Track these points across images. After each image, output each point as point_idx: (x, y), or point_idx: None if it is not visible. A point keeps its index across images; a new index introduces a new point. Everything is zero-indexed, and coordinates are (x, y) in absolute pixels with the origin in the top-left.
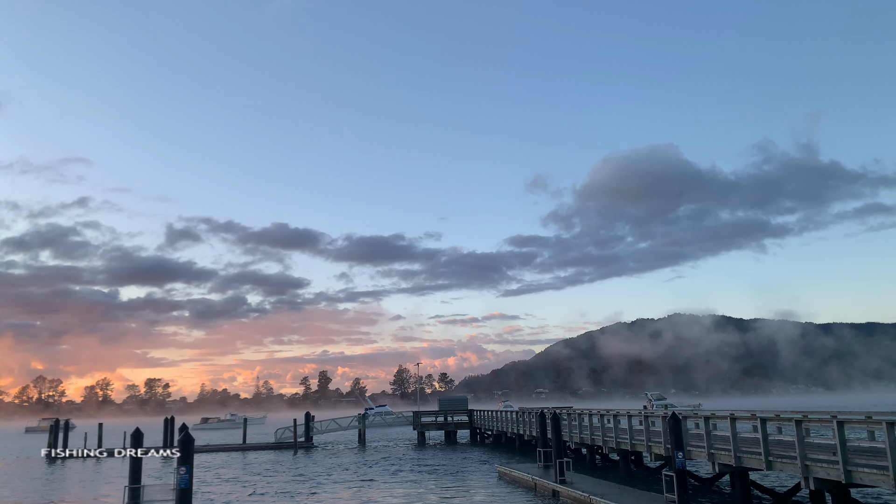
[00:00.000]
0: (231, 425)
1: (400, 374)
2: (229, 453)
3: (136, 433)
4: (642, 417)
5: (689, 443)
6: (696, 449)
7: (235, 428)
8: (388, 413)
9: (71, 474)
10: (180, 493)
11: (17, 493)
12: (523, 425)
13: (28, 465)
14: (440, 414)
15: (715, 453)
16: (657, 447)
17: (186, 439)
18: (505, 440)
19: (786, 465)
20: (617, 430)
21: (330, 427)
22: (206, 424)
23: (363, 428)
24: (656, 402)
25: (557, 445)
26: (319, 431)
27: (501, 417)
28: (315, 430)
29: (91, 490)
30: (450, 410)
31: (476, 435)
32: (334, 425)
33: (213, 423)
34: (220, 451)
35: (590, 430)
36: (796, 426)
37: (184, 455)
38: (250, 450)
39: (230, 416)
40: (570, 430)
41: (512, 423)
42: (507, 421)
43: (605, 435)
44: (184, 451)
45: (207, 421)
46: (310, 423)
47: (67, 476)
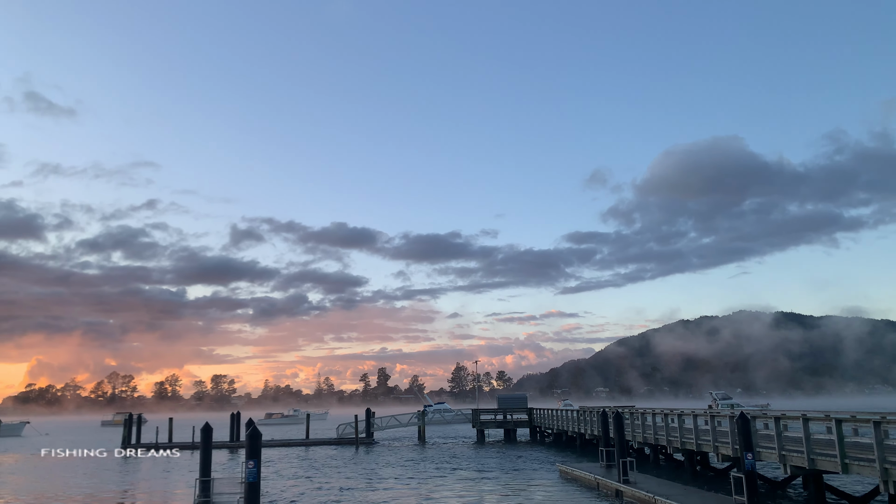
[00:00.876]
0: (294, 420)
1: (457, 372)
2: (293, 448)
3: (206, 428)
4: (708, 417)
5: (759, 444)
6: (766, 450)
7: (298, 423)
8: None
9: (144, 466)
10: (249, 487)
11: (94, 483)
12: (584, 424)
13: (103, 457)
14: (499, 412)
15: (786, 455)
16: (724, 448)
17: (254, 434)
18: (565, 439)
19: (863, 469)
20: (682, 430)
21: (390, 424)
22: (269, 420)
23: (423, 425)
24: (721, 402)
25: (620, 445)
26: (380, 428)
27: (562, 416)
28: (375, 426)
29: (162, 482)
30: (509, 408)
31: (536, 433)
32: (394, 422)
33: (277, 418)
34: (285, 446)
35: (653, 430)
36: (874, 427)
37: (252, 449)
38: (313, 445)
39: (293, 412)
40: (633, 429)
41: (572, 421)
42: (568, 420)
43: (670, 434)
44: (252, 446)
45: (271, 416)
46: (370, 419)
47: (141, 468)
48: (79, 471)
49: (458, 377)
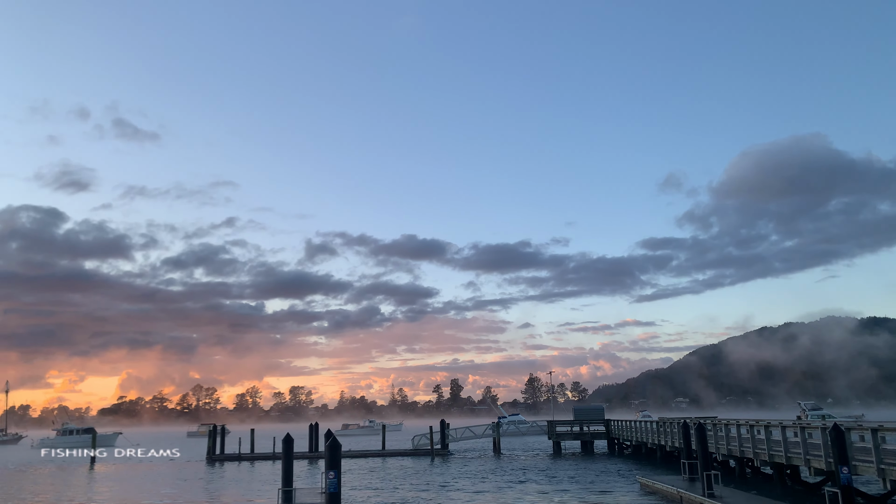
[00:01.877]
0: (370, 431)
1: (531, 383)
2: (370, 459)
3: (287, 439)
4: (797, 429)
5: (854, 457)
6: (863, 464)
7: (374, 434)
8: (522, 422)
9: (228, 475)
10: (330, 497)
11: (181, 491)
12: (664, 436)
13: (190, 466)
14: (575, 423)
15: (886, 469)
16: (816, 461)
17: (334, 445)
18: (645, 451)
19: None
20: (769, 442)
21: (465, 435)
22: (346, 431)
23: (498, 436)
24: (811, 413)
25: (704, 457)
26: (454, 439)
27: (641, 427)
28: (450, 437)
29: (245, 491)
30: (585, 420)
31: (614, 445)
32: (469, 433)
33: (353, 429)
34: (361, 457)
35: (738, 442)
36: None
37: (332, 460)
38: (389, 456)
39: (369, 423)
40: (716, 441)
41: (652, 433)
42: (647, 431)
43: (756, 447)
44: (332, 456)
45: (348, 427)
46: (445, 430)
47: (225, 477)
48: (166, 479)
49: (532, 388)
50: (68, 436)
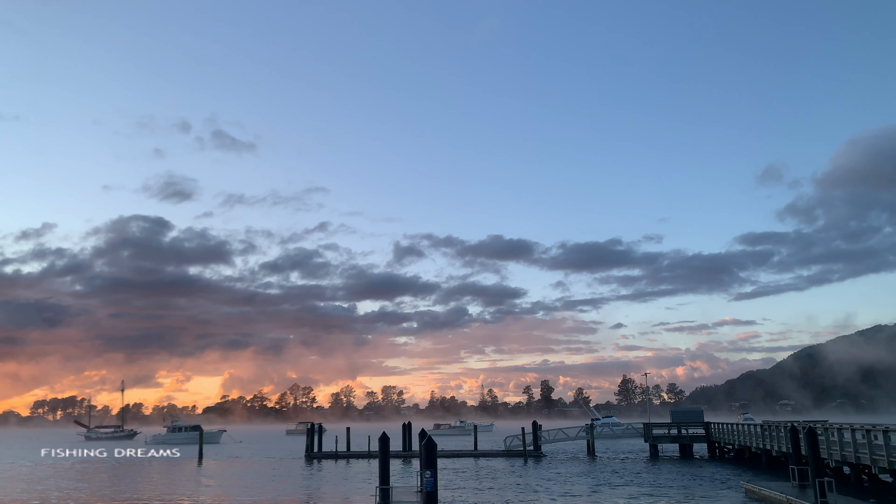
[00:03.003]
0: (461, 431)
1: (625, 385)
2: (462, 459)
3: (384, 438)
4: None
5: None
6: None
7: (465, 434)
8: (616, 424)
9: (326, 473)
10: (427, 496)
11: (282, 488)
12: (770, 440)
13: (289, 463)
14: (673, 426)
15: None
16: None
17: (429, 444)
18: (748, 456)
19: None
20: (888, 448)
21: (557, 437)
22: (438, 430)
23: (592, 438)
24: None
25: (816, 463)
26: (547, 440)
27: (744, 431)
28: (543, 439)
29: (343, 488)
30: (683, 423)
31: (714, 449)
32: (562, 435)
33: (445, 428)
34: (454, 457)
35: (853, 447)
36: None
37: (428, 459)
38: (481, 456)
39: (460, 423)
40: (828, 446)
41: (756, 437)
42: (751, 435)
43: (874, 453)
44: (428, 456)
45: (439, 427)
46: (537, 431)
47: (323, 474)
48: (268, 476)
49: (626, 390)
50: (177, 433)
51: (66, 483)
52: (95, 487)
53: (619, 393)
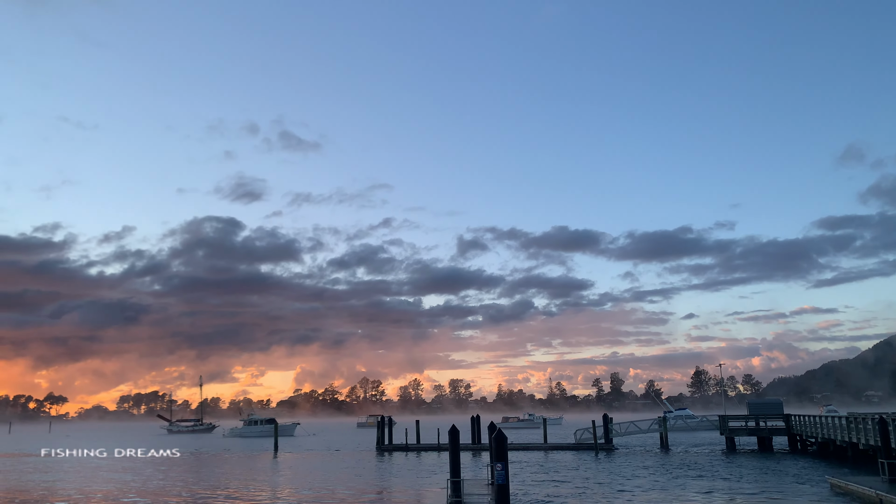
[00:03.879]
0: (529, 425)
1: (697, 376)
2: (532, 452)
3: (453, 430)
4: None
5: None
6: None
7: (534, 427)
8: (690, 416)
9: (397, 465)
10: (498, 489)
11: (355, 479)
12: (856, 433)
13: (361, 455)
14: (750, 418)
15: None
16: None
17: (500, 437)
18: (833, 449)
19: None
20: None
21: (629, 429)
22: (506, 423)
23: (665, 431)
24: None
25: None
26: (618, 433)
27: (827, 423)
28: (614, 432)
29: (414, 480)
30: (761, 415)
31: (796, 442)
32: (633, 427)
33: (513, 422)
34: (524, 450)
35: None
36: None
37: (499, 452)
38: (551, 449)
39: (528, 416)
40: None
41: (841, 429)
42: (835, 427)
43: None
44: (499, 449)
45: (508, 420)
46: (608, 424)
47: (395, 466)
48: (341, 467)
49: (699, 381)
50: (253, 426)
51: (152, 473)
52: (180, 477)
53: (691, 385)
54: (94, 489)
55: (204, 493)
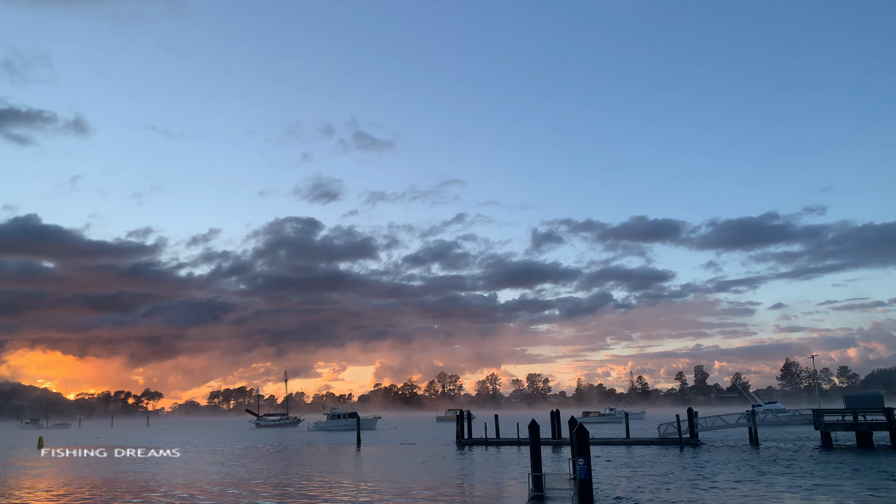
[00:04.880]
0: (610, 419)
1: (787, 368)
2: (614, 447)
3: (533, 425)
4: None
5: None
6: None
7: (615, 422)
8: (781, 410)
9: (477, 459)
10: (581, 483)
11: (437, 472)
12: None
13: (441, 449)
14: (847, 412)
15: None
16: None
17: (581, 432)
18: None
19: None
20: None
21: (716, 424)
22: (586, 418)
23: (754, 426)
24: None
25: None
26: (704, 428)
27: None
28: (699, 426)
29: (495, 474)
30: (859, 409)
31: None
32: (720, 422)
33: (594, 416)
34: (605, 444)
35: None
36: None
37: (581, 446)
38: (634, 444)
39: (609, 411)
40: None
41: None
42: None
43: None
44: (580, 443)
45: (588, 415)
46: (693, 419)
47: (475, 460)
48: (423, 461)
49: (790, 374)
50: (336, 420)
51: (242, 466)
52: (267, 469)
53: (781, 377)
54: (196, 480)
55: (295, 484)
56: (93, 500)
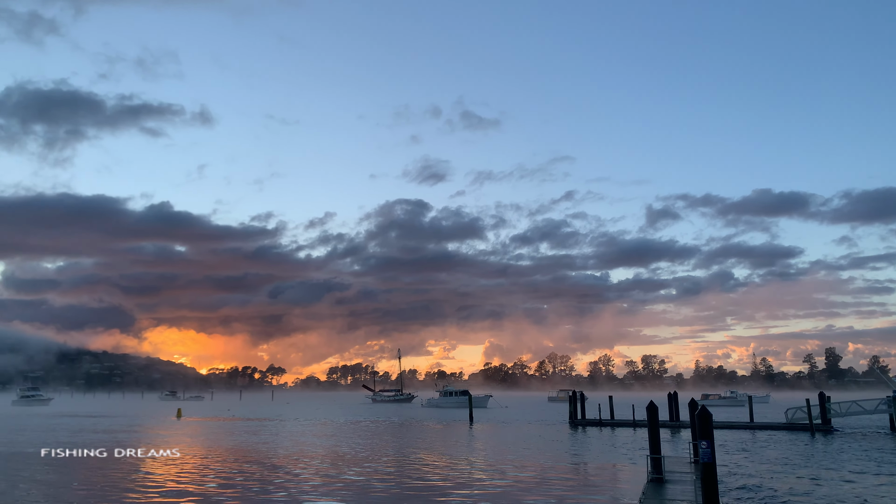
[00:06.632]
0: (731, 403)
1: None
2: (736, 431)
3: (651, 406)
4: None
5: None
6: None
7: (736, 405)
8: None
9: (592, 439)
10: (704, 467)
11: (552, 451)
12: None
13: (554, 429)
14: None
15: None
16: None
17: (704, 414)
18: None
19: None
20: None
21: (851, 409)
22: (706, 401)
23: (895, 412)
24: None
25: None
26: (837, 414)
27: None
28: (832, 411)
29: (611, 455)
30: None
31: None
32: (856, 407)
33: (714, 399)
34: (727, 428)
35: None
36: None
37: (703, 429)
38: (758, 429)
39: (730, 394)
40: None
41: None
42: None
43: None
44: (703, 426)
45: (708, 397)
46: (825, 403)
47: (589, 441)
48: (536, 439)
49: None
50: (449, 397)
51: (359, 438)
52: (383, 442)
53: None
54: (327, 449)
55: (412, 455)
56: (232, 465)
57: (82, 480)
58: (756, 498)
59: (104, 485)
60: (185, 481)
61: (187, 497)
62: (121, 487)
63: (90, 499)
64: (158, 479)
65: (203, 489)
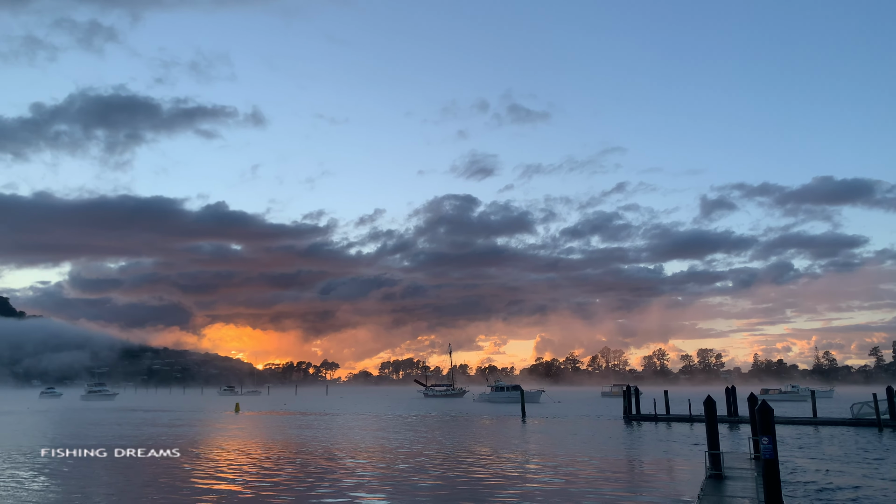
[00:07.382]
0: (792, 397)
1: None
2: (798, 426)
3: (709, 401)
4: None
5: None
6: None
7: (798, 400)
8: None
9: (647, 435)
10: (766, 463)
11: (606, 446)
12: None
13: (608, 424)
14: None
15: None
16: None
17: (765, 409)
18: None
19: None
20: None
21: None
22: (766, 395)
23: None
24: None
25: None
26: None
27: None
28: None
29: (665, 451)
30: None
31: None
32: None
33: (774, 394)
34: (789, 424)
35: None
36: None
37: (764, 425)
38: (822, 424)
39: (791, 388)
40: None
41: None
42: None
43: None
44: (764, 421)
45: (768, 392)
46: (894, 398)
47: (644, 436)
48: (590, 435)
49: None
50: (500, 391)
51: (410, 432)
52: (440, 437)
53: None
54: (380, 444)
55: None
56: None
57: (163, 477)
58: (820, 496)
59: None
60: (256, 473)
61: (249, 487)
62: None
63: (167, 488)
64: (223, 474)
65: (256, 483)
